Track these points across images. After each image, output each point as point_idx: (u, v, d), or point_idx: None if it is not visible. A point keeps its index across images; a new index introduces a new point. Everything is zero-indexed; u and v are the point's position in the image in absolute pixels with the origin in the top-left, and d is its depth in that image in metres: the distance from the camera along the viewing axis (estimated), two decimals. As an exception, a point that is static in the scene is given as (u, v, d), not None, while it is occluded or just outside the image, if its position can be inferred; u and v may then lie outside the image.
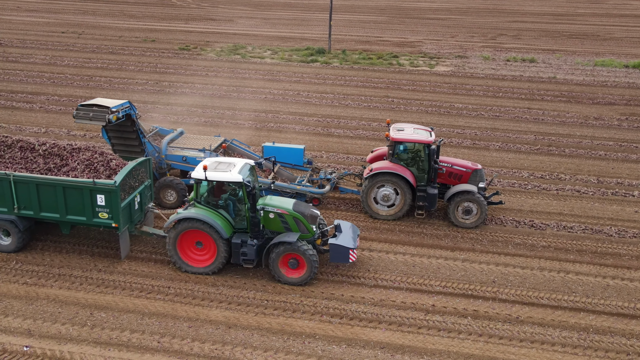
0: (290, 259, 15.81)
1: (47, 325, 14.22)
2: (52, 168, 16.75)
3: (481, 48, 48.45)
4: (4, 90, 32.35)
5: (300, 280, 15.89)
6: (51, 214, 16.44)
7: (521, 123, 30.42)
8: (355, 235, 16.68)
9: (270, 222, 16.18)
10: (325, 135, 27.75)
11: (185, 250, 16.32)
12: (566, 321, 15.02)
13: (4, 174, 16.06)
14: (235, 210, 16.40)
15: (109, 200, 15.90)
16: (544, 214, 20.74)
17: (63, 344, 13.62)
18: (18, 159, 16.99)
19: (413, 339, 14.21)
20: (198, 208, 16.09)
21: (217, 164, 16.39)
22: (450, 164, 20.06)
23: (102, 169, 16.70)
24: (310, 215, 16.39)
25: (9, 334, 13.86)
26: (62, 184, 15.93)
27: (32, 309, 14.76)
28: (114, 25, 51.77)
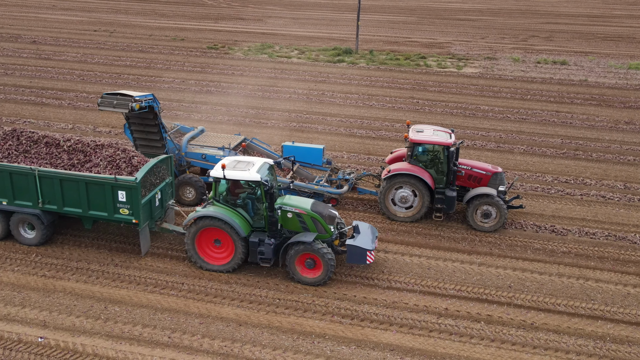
0: (307, 258, 15.80)
1: (62, 317, 14.48)
2: (75, 164, 16.99)
3: (511, 50, 47.76)
4: (36, 87, 33.09)
5: (316, 280, 15.87)
6: (74, 209, 16.69)
7: (548, 126, 29.89)
8: (374, 237, 16.57)
9: (288, 222, 16.20)
10: (347, 136, 27.68)
11: (204, 248, 16.43)
12: (583, 329, 14.70)
13: (30, 169, 16.37)
14: (253, 209, 16.44)
15: (129, 197, 16.08)
16: (567, 219, 20.33)
17: (76, 336, 13.86)
18: (43, 155, 17.27)
19: (423, 342, 14.07)
20: (217, 206, 16.18)
21: (236, 162, 16.45)
22: (470, 166, 19.81)
23: (124, 165, 16.90)
24: (328, 215, 16.36)
25: (25, 325, 14.15)
26: (85, 179, 16.19)
27: (49, 301, 15.05)
28: (145, 24, 52.54)
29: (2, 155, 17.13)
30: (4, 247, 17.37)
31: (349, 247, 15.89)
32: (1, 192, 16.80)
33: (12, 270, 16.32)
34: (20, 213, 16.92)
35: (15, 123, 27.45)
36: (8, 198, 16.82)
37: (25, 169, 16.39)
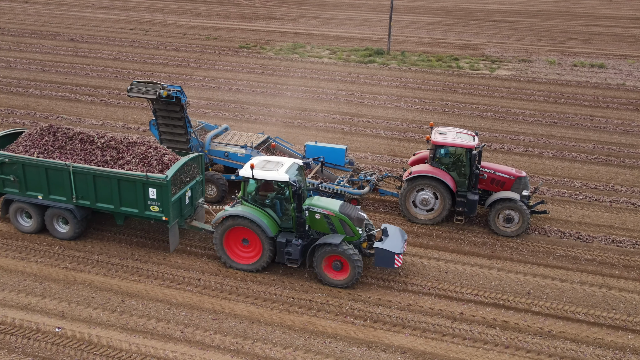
0: (334, 260, 15.66)
1: (80, 308, 14.78)
2: (108, 160, 17.14)
3: (547, 52, 46.87)
4: (70, 84, 33.88)
5: (343, 282, 15.73)
6: (106, 205, 16.95)
7: (580, 131, 29.22)
8: (403, 240, 16.26)
9: (316, 223, 16.11)
10: (373, 137, 27.56)
11: (232, 247, 16.48)
12: (602, 339, 14.31)
13: (64, 164, 16.65)
14: (281, 209, 16.40)
15: (160, 194, 16.24)
16: (593, 226, 19.83)
17: (92, 327, 14.13)
18: (78, 151, 17.44)
19: (436, 346, 13.90)
20: (245, 206, 16.20)
21: (265, 162, 16.38)
22: (493, 170, 19.50)
23: (155, 163, 16.99)
24: (356, 217, 16.17)
25: (44, 315, 14.50)
26: (117, 176, 16.39)
27: (68, 293, 15.39)
28: (179, 23, 53.29)
29: (39, 151, 17.43)
30: (29, 239, 17.82)
31: (377, 250, 15.69)
32: (37, 187, 17.15)
33: (36, 261, 16.73)
34: (55, 208, 17.23)
35: (48, 118, 28.16)
36: (43, 193, 17.15)
37: (61, 165, 16.70)
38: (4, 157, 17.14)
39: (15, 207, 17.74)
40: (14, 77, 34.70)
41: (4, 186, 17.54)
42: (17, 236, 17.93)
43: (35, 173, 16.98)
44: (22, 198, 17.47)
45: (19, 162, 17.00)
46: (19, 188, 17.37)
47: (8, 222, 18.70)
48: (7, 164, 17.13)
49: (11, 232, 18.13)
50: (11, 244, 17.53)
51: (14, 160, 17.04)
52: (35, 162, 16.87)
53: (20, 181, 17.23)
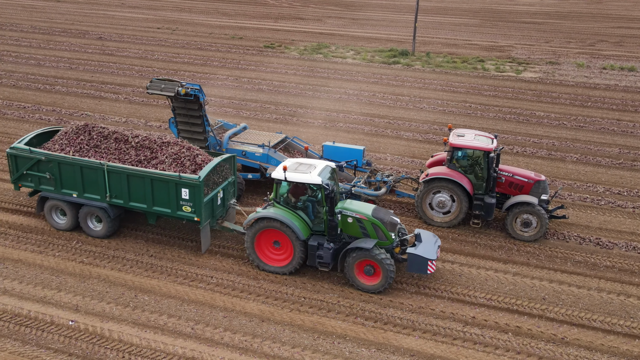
0: (366, 265, 15.46)
1: (94, 303, 15.00)
2: (142, 160, 17.19)
3: (576, 55, 46.08)
4: (96, 81, 34.42)
5: (374, 287, 15.51)
6: (139, 204, 17.00)
7: (606, 135, 28.66)
8: (436, 246, 15.95)
9: (348, 227, 15.93)
10: (393, 138, 27.42)
11: (263, 249, 16.41)
12: (617, 347, 14.01)
13: (99, 163, 16.78)
14: (313, 212, 16.24)
15: (192, 195, 16.25)
16: (614, 232, 19.43)
17: (105, 321, 14.32)
18: (112, 150, 17.54)
19: (445, 350, 13.77)
20: (277, 208, 16.11)
21: (297, 165, 16.26)
22: (512, 173, 19.23)
23: (188, 163, 16.96)
24: (389, 222, 15.90)
25: (59, 308, 14.74)
26: (151, 176, 16.45)
27: (83, 287, 15.62)
28: (206, 23, 53.76)
29: (74, 149, 17.58)
30: (48, 233, 18.15)
31: (410, 255, 15.45)
32: (72, 185, 17.33)
33: (53, 255, 17.03)
34: (89, 206, 17.37)
35: (73, 115, 28.65)
36: (78, 191, 17.33)
37: (95, 164, 16.83)
38: (40, 155, 17.35)
39: (50, 205, 17.93)
40: (42, 75, 35.39)
41: (40, 184, 17.75)
42: (37, 230, 18.28)
43: (71, 171, 17.15)
44: (57, 196, 17.64)
45: (54, 160, 17.18)
46: (54, 186, 17.55)
47: (29, 215, 19.09)
48: (44, 161, 17.32)
49: (31, 226, 18.49)
50: (31, 237, 17.87)
51: (50, 158, 17.22)
52: (71, 161, 17.03)
53: (56, 179, 17.40)
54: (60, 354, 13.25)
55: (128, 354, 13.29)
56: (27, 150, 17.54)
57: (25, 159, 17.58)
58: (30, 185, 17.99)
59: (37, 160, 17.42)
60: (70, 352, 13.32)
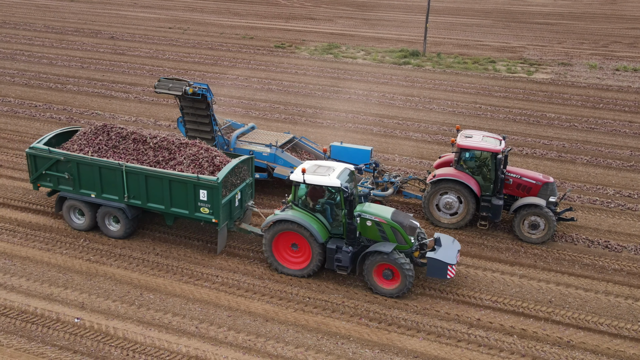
0: (385, 269, 15.32)
1: (100, 300, 15.09)
2: (160, 161, 17.17)
3: (589, 56, 45.71)
4: (107, 80, 34.64)
5: (393, 291, 15.36)
6: (157, 205, 16.99)
7: (618, 137, 28.40)
8: (456, 251, 15.70)
9: (367, 230, 15.76)
10: (402, 139, 27.34)
11: (281, 252, 16.32)
12: (623, 351, 13.87)
13: (117, 164, 16.80)
14: (332, 215, 16.13)
15: (210, 196, 16.21)
16: (623, 235, 19.25)
17: (110, 319, 14.40)
18: (131, 150, 17.54)
19: (449, 352, 13.70)
20: (295, 210, 16.02)
21: (316, 167, 16.14)
22: (519, 175, 19.11)
23: (206, 164, 16.92)
24: (409, 225, 15.72)
25: (65, 306, 14.84)
26: (169, 177, 16.43)
27: (90, 284, 15.72)
28: (217, 22, 53.93)
29: (93, 150, 17.63)
30: (56, 231, 18.29)
31: (430, 260, 15.24)
32: (90, 185, 17.36)
33: (61, 253, 17.16)
34: (107, 206, 17.39)
35: (83, 114, 28.85)
36: (96, 191, 17.36)
37: (114, 164, 16.84)
38: (59, 155, 17.40)
39: (68, 205, 17.95)
40: (54, 74, 35.67)
41: (59, 184, 17.79)
42: (45, 227, 18.42)
43: (89, 171, 17.19)
44: (75, 196, 17.67)
45: (73, 161, 17.22)
46: (72, 186, 17.59)
47: (37, 213, 19.25)
48: (62, 162, 17.37)
49: (40, 224, 18.64)
50: (39, 235, 18.02)
51: (69, 159, 17.26)
52: (89, 161, 17.07)
53: (74, 179, 17.44)
54: (65, 351, 13.34)
55: (132, 352, 13.36)
56: (47, 150, 17.56)
57: (44, 159, 17.60)
58: (49, 185, 18.02)
59: (56, 160, 17.44)
60: (75, 349, 13.41)
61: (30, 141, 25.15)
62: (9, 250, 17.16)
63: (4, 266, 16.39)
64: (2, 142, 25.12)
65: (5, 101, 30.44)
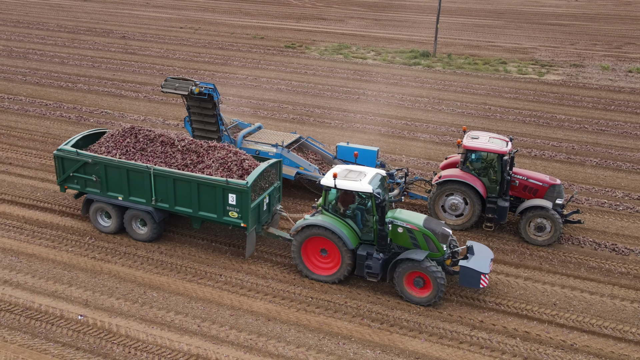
0: (416, 277, 15.07)
1: (104, 298, 15.19)
2: (188, 164, 17.04)
3: (602, 57, 45.34)
4: (117, 80, 34.87)
5: (424, 300, 15.11)
6: (185, 209, 16.80)
7: (629, 139, 28.13)
8: (489, 259, 15.40)
9: (398, 237, 15.55)
10: (410, 139, 27.27)
11: (310, 257, 16.16)
12: (628, 355, 13.74)
13: (146, 167, 16.65)
14: (362, 220, 15.87)
15: (239, 200, 16.04)
16: (631, 238, 19.07)
17: (113, 317, 14.49)
18: (158, 153, 17.43)
19: (451, 353, 13.65)
20: (325, 215, 15.84)
21: (347, 172, 15.93)
22: (526, 176, 18.99)
23: (235, 168, 16.77)
24: (441, 233, 15.42)
25: (69, 303, 14.96)
26: (197, 180, 16.24)
27: (94, 282, 15.83)
28: (229, 22, 54.11)
29: (121, 152, 17.59)
30: (63, 228, 18.43)
31: (462, 268, 14.98)
32: (118, 188, 17.25)
33: (67, 250, 17.29)
34: (134, 209, 17.28)
35: (93, 113, 29.06)
36: (124, 194, 17.23)
37: (142, 167, 16.69)
38: (87, 157, 17.32)
39: (95, 207, 17.85)
40: (65, 72, 35.96)
41: (86, 186, 17.73)
42: (52, 225, 18.57)
43: (117, 174, 17.08)
44: (102, 198, 17.58)
45: (101, 163, 17.13)
46: (100, 188, 17.51)
47: (44, 210, 19.41)
48: (90, 164, 17.29)
49: (47, 221, 18.79)
50: (45, 232, 18.17)
51: (97, 161, 17.18)
52: (117, 164, 16.98)
53: (102, 182, 17.35)
54: (67, 347, 13.44)
55: (134, 350, 13.44)
56: (74, 153, 17.49)
57: (72, 161, 17.51)
58: (76, 188, 17.94)
59: (83, 162, 17.36)
60: (78, 346, 13.51)
61: (40, 139, 25.39)
62: (16, 247, 17.32)
63: (10, 263, 16.55)
64: (12, 140, 25.36)
65: (16, 99, 30.74)
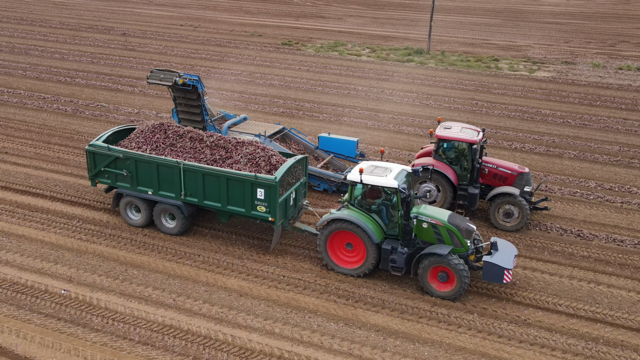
0: (440, 271, 15.36)
1: (87, 275, 16.13)
2: (217, 159, 17.44)
3: (595, 55, 45.94)
4: (115, 75, 35.89)
5: (448, 294, 15.39)
6: (213, 203, 17.18)
7: (609, 133, 28.81)
8: (512, 255, 15.64)
9: (422, 232, 15.80)
10: (395, 132, 28.08)
11: (335, 250, 16.53)
12: (577, 330, 14.52)
13: (176, 162, 17.07)
14: (388, 215, 16.24)
15: (268, 195, 16.41)
16: (598, 225, 19.81)
17: (95, 291, 15.42)
18: (188, 149, 17.85)
19: (410, 327, 14.47)
20: (351, 210, 16.22)
21: (373, 167, 16.29)
22: (496, 165, 19.78)
23: (263, 163, 17.14)
24: (465, 229, 15.74)
25: (54, 279, 15.91)
26: (226, 175, 16.63)
27: (79, 261, 16.77)
28: (228, 20, 55.08)
29: (151, 148, 18.03)
30: (52, 212, 19.39)
31: (486, 264, 15.21)
32: (147, 183, 17.68)
33: (55, 232, 18.25)
34: (164, 203, 17.70)
35: (89, 106, 30.06)
36: (153, 188, 17.66)
37: (172, 162, 17.10)
38: (118, 152, 17.78)
39: (125, 201, 18.30)
40: (65, 68, 37.02)
41: (116, 180, 18.19)
42: (42, 209, 19.54)
43: (147, 169, 17.49)
44: (132, 192, 18.00)
45: (132, 158, 17.55)
46: (130, 183, 17.92)
47: (35, 196, 20.38)
48: (121, 159, 17.74)
49: (37, 206, 19.76)
50: (35, 216, 19.13)
51: (127, 156, 17.62)
52: (148, 159, 17.40)
53: (132, 176, 17.77)
54: (49, 318, 14.38)
55: (112, 320, 14.35)
56: (106, 148, 17.96)
57: (103, 156, 17.98)
58: (106, 182, 18.42)
59: (114, 157, 17.82)
60: (59, 316, 14.44)
61: (36, 131, 26.41)
62: (7, 229, 18.29)
63: (1, 243, 17.52)
64: (9, 130, 26.39)
65: (15, 93, 31.81)
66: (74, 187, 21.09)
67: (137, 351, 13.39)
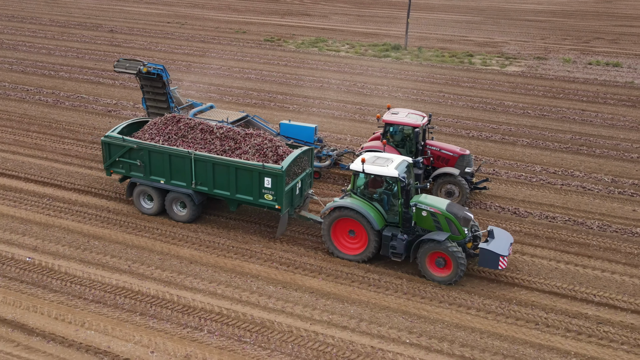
0: (438, 257, 16.07)
1: (51, 245, 17.57)
2: (226, 150, 18.19)
3: (568, 51, 47.38)
4: (98, 69, 37.35)
5: (444, 279, 16.12)
6: (222, 192, 18.02)
7: (565, 123, 30.21)
8: (508, 243, 16.36)
9: (422, 220, 16.58)
10: (360, 122, 29.49)
11: (338, 237, 17.28)
12: (494, 292, 15.93)
13: (187, 152, 17.99)
14: (388, 204, 16.94)
15: (274, 184, 17.24)
16: (535, 204, 21.21)
17: (57, 259, 16.86)
18: (198, 140, 18.63)
19: (342, 289, 15.90)
20: (354, 198, 17.01)
21: (375, 158, 17.12)
22: (439, 147, 21.20)
23: (270, 154, 17.92)
24: (463, 217, 16.44)
25: (20, 248, 17.35)
26: (235, 165, 17.47)
27: (45, 233, 18.21)
28: (215, 18, 56.54)
29: (163, 139, 18.86)
30: (25, 191, 20.83)
31: (482, 250, 15.91)
32: (160, 172, 18.53)
33: (25, 209, 19.69)
34: (175, 192, 18.52)
35: (70, 97, 31.52)
36: (165, 178, 18.50)
37: (183, 152, 17.97)
38: (132, 143, 18.67)
39: (139, 190, 19.12)
40: (50, 62, 38.50)
41: (130, 170, 19.07)
42: (16, 189, 20.98)
43: (160, 159, 18.34)
44: (145, 182, 18.82)
45: (145, 149, 18.44)
46: (143, 172, 18.80)
47: (9, 177, 21.82)
48: (135, 150, 18.61)
49: (12, 186, 21.21)
50: (9, 194, 20.58)
51: (141, 147, 18.50)
52: (160, 149, 18.29)
53: (146, 166, 18.61)
54: (13, 280, 15.82)
55: (70, 283, 15.79)
56: (121, 139, 18.85)
57: (118, 146, 18.88)
58: (121, 172, 19.31)
59: (129, 148, 18.72)
60: (22, 279, 15.88)
61: (17, 119, 27.86)
62: (-19, 206, 19.78)
63: (-25, 218, 19.00)
64: (-8, 119, 27.90)
65: (0, 85, 33.26)
66: (47, 170, 22.54)
67: (90, 308, 14.83)
